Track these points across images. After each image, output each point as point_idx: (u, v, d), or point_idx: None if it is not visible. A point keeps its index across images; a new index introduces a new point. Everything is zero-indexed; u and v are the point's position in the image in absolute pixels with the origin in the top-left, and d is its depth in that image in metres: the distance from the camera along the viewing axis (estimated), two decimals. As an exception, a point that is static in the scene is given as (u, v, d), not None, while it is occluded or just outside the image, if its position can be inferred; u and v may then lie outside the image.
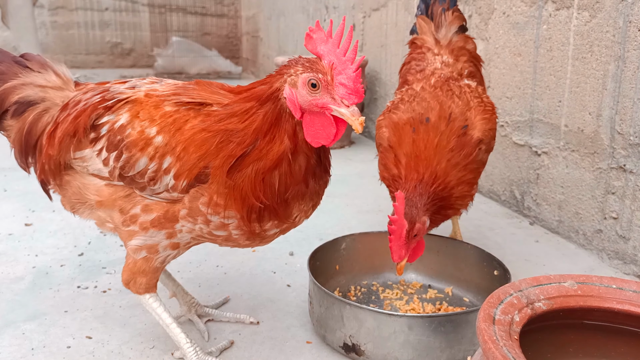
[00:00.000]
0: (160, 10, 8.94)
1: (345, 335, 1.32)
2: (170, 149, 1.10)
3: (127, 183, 1.16)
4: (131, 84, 1.25)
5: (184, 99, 1.14)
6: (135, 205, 1.17)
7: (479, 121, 1.58)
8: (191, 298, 1.52)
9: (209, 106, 1.13)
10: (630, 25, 1.80)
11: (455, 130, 1.55)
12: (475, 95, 1.67)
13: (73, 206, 1.28)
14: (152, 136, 1.12)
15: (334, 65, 1.01)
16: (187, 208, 1.13)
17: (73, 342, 1.42)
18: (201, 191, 1.11)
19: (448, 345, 1.27)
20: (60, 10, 8.70)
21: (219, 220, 1.13)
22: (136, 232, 1.19)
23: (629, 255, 1.87)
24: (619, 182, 1.89)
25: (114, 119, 1.16)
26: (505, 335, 0.93)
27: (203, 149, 1.09)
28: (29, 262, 1.90)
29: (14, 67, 1.29)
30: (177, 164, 1.10)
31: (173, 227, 1.16)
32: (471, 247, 1.66)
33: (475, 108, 1.61)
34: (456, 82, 1.71)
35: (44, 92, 1.27)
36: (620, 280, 1.12)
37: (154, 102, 1.15)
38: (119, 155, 1.14)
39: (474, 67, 1.89)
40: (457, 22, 1.89)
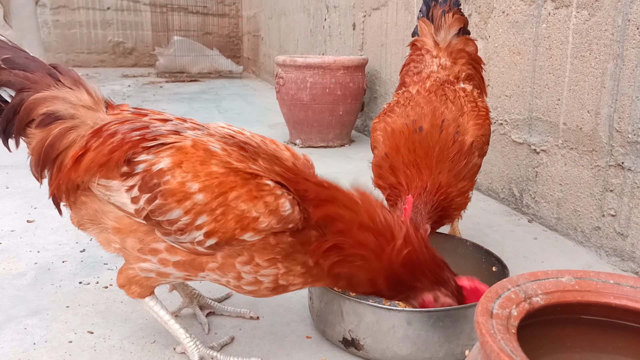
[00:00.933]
0: (161, 10, 8.96)
1: (344, 329, 1.33)
2: (209, 209, 1.10)
3: (150, 224, 1.15)
4: (173, 126, 1.22)
5: (235, 164, 1.13)
6: (157, 242, 1.17)
7: (471, 127, 1.59)
8: (192, 289, 1.53)
9: (259, 178, 1.13)
10: (629, 24, 1.81)
11: (451, 138, 1.56)
12: (470, 99, 1.68)
13: (82, 224, 1.28)
14: (193, 192, 1.10)
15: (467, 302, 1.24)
16: (218, 263, 1.15)
17: (75, 337, 1.43)
18: (239, 251, 1.13)
19: (447, 340, 1.28)
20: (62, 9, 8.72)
21: (252, 278, 1.17)
22: (149, 261, 1.19)
23: (627, 252, 1.88)
24: (617, 179, 1.90)
25: (153, 160, 1.14)
26: (502, 329, 0.94)
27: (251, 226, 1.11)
28: (30, 258, 1.92)
29: (46, 78, 1.26)
30: (212, 224, 1.10)
31: (196, 274, 1.19)
32: (470, 243, 1.67)
33: (468, 113, 1.62)
34: (451, 85, 1.72)
35: (75, 109, 1.25)
36: (617, 276, 1.12)
37: (200, 156, 1.13)
38: (151, 199, 1.12)
39: (473, 69, 1.89)
40: (457, 24, 1.90)
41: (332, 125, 3.76)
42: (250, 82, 7.91)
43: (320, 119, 3.73)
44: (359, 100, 3.82)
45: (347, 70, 3.64)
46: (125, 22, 9.00)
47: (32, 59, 1.30)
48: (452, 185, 1.51)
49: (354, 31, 4.39)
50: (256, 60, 8.58)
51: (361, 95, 3.83)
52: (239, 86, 7.42)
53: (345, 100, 3.70)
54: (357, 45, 4.36)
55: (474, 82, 1.85)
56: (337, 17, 4.78)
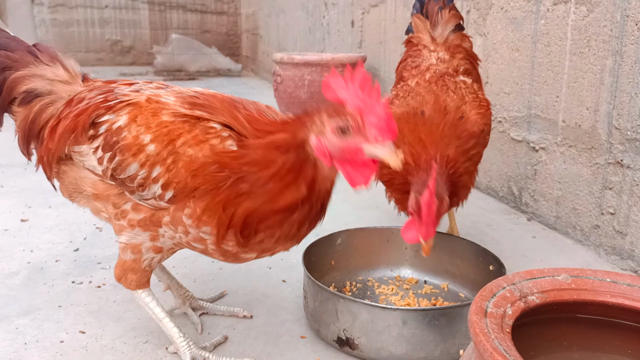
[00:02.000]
0: (160, 8, 8.93)
1: (339, 329, 1.32)
2: (161, 159, 1.10)
3: (118, 184, 1.17)
4: (136, 87, 1.25)
5: (182, 110, 1.13)
6: (127, 202, 1.18)
7: (474, 115, 1.57)
8: (186, 291, 1.52)
9: (205, 121, 1.12)
10: (628, 20, 1.79)
11: (453, 122, 1.54)
12: (471, 91, 1.66)
13: (70, 194, 1.30)
14: (146, 143, 1.11)
15: (361, 108, 1.00)
16: (170, 216, 1.14)
17: (66, 336, 1.41)
18: (186, 203, 1.11)
19: (442, 339, 1.26)
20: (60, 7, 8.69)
21: (197, 234, 1.14)
22: (125, 228, 1.20)
23: (626, 250, 1.86)
24: (617, 177, 1.88)
25: (113, 119, 1.17)
26: (497, 328, 0.92)
27: (201, 172, 1.08)
28: (24, 257, 1.90)
29: (26, 56, 1.31)
30: (165, 175, 1.10)
31: (157, 231, 1.17)
32: (467, 242, 1.65)
33: (470, 103, 1.60)
34: (451, 77, 1.70)
35: (52, 85, 1.30)
36: (614, 274, 1.11)
37: (152, 108, 1.15)
38: (112, 157, 1.15)
39: (470, 64, 1.88)
40: (454, 20, 1.88)
41: (330, 123, 3.74)
42: (248, 81, 7.89)
43: (318, 117, 3.70)
44: (357, 98, 3.80)
45: (344, 68, 3.62)
46: (123, 20, 8.98)
47: (13, 38, 1.35)
48: (459, 161, 1.47)
49: (353, 28, 4.37)
50: (255, 59, 8.56)
51: (359, 93, 3.81)
52: (238, 84, 7.40)
53: (343, 98, 3.67)
54: (355, 43, 4.34)
55: (472, 77, 1.84)
56: (335, 14, 4.76)
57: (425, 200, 1.33)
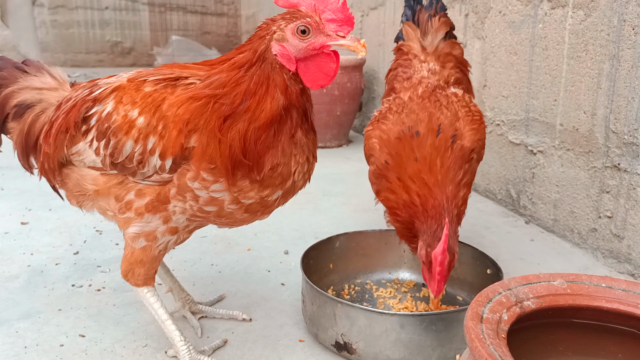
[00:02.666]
0: (160, 9, 8.94)
1: (337, 333, 1.33)
2: (152, 129, 1.11)
3: (119, 170, 1.17)
4: (118, 76, 1.27)
5: (159, 77, 1.16)
6: (129, 191, 1.18)
7: (467, 132, 1.57)
8: (187, 295, 1.53)
9: (184, 79, 1.14)
10: (625, 24, 1.80)
11: (449, 144, 1.53)
12: (463, 104, 1.66)
13: (77, 199, 1.30)
14: (135, 118, 1.13)
15: (316, 6, 1.03)
16: (175, 186, 1.13)
17: (66, 340, 1.42)
18: (187, 167, 1.11)
19: (439, 344, 1.27)
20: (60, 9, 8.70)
21: (207, 195, 1.13)
22: (132, 219, 1.19)
23: (624, 254, 1.87)
24: (614, 181, 1.89)
25: (101, 109, 1.18)
26: (492, 333, 0.93)
27: (185, 120, 1.09)
28: (24, 260, 1.91)
29: (15, 72, 1.33)
30: (160, 143, 1.11)
31: (167, 209, 1.16)
32: (465, 246, 1.66)
33: (463, 118, 1.60)
34: (443, 91, 1.70)
35: (40, 94, 1.31)
36: (609, 279, 1.12)
37: (134, 85, 1.17)
38: (107, 143, 1.16)
39: (461, 72, 1.88)
40: (444, 28, 1.87)
41: (329, 125, 3.75)
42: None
43: (317, 119, 3.67)
44: (356, 101, 3.81)
45: (344, 70, 3.63)
46: (123, 21, 8.99)
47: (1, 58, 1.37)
48: (457, 196, 1.48)
49: (352, 31, 4.38)
50: (255, 60, 8.57)
51: (359, 95, 3.82)
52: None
53: (342, 101, 3.69)
54: (354, 45, 4.35)
55: (463, 86, 1.84)
56: (335, 16, 4.76)
57: (439, 259, 1.35)
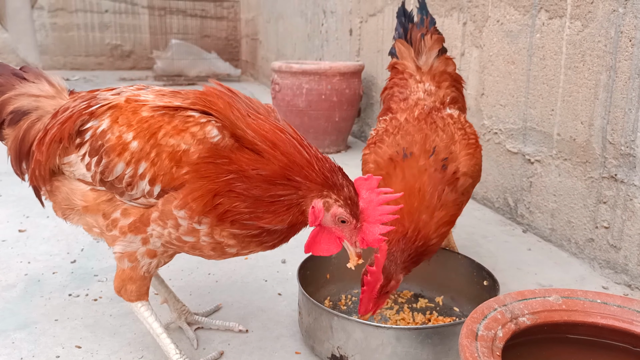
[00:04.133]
0: (160, 13, 8.95)
1: (333, 346, 1.33)
2: (145, 154, 1.12)
3: (107, 188, 1.18)
4: (117, 91, 1.27)
5: (159, 104, 1.16)
6: (116, 210, 1.19)
7: (463, 157, 1.56)
8: (182, 305, 1.53)
9: (183, 110, 1.13)
10: (622, 36, 1.80)
11: (439, 166, 1.52)
12: (459, 126, 1.65)
13: (63, 212, 1.30)
14: (129, 141, 1.13)
15: (367, 218, 1.12)
16: (158, 211, 1.14)
17: (62, 351, 1.42)
18: (175, 195, 1.12)
19: (435, 357, 1.27)
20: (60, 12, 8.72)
21: (189, 225, 1.14)
22: (117, 237, 1.20)
23: (620, 264, 1.87)
24: (610, 191, 1.89)
25: (96, 125, 1.19)
26: (487, 351, 0.93)
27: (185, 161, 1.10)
28: (21, 269, 1.91)
29: (12, 79, 1.33)
30: (151, 169, 1.12)
31: (146, 231, 1.18)
32: (461, 257, 1.66)
33: (459, 142, 1.60)
34: (439, 112, 1.70)
35: (37, 101, 1.31)
36: (604, 295, 1.12)
37: (132, 107, 1.17)
38: (99, 160, 1.17)
39: (456, 90, 1.88)
40: (437, 45, 1.87)
41: (328, 131, 3.76)
42: (248, 86, 7.91)
43: (316, 125, 3.72)
44: (355, 107, 3.82)
45: (343, 77, 3.64)
46: (123, 25, 9.00)
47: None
48: (430, 227, 1.45)
49: (351, 37, 4.39)
50: (254, 64, 8.58)
51: (357, 102, 3.83)
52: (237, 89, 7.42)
53: (341, 107, 3.69)
54: (353, 51, 4.36)
55: (459, 105, 1.84)
56: (334, 22, 4.78)
57: (367, 278, 1.36)
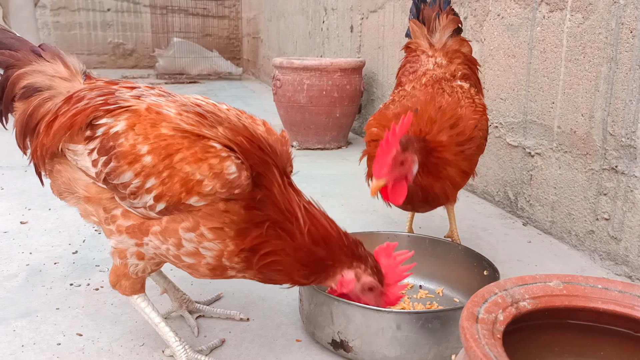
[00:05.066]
0: (161, 12, 8.97)
1: (333, 331, 1.33)
2: (157, 172, 1.11)
3: (110, 188, 1.18)
4: (137, 92, 1.26)
5: (183, 126, 1.14)
6: (118, 208, 1.20)
7: (470, 118, 1.58)
8: (182, 294, 1.53)
9: (206, 140, 1.12)
10: (623, 27, 1.80)
11: (447, 120, 1.54)
12: (467, 95, 1.67)
13: (61, 193, 1.31)
14: (143, 154, 1.12)
15: (389, 281, 1.23)
16: (161, 227, 1.15)
17: (63, 339, 1.42)
18: (183, 217, 1.13)
19: (435, 342, 1.27)
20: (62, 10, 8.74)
21: (194, 248, 1.15)
22: (113, 233, 1.21)
23: (621, 256, 1.87)
24: (611, 183, 1.89)
25: (111, 123, 1.17)
26: (488, 334, 0.93)
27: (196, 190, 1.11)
28: (22, 259, 1.91)
29: (29, 55, 1.34)
30: (160, 187, 1.11)
31: (142, 239, 1.19)
32: (462, 247, 1.67)
33: (466, 107, 1.61)
34: (448, 82, 1.71)
35: (52, 80, 1.31)
36: (606, 280, 1.12)
37: (152, 119, 1.15)
38: (107, 162, 1.16)
39: (469, 69, 1.89)
40: (452, 25, 1.89)
41: (329, 127, 3.76)
42: (249, 84, 7.92)
43: (317, 121, 3.72)
44: (356, 103, 3.82)
45: (344, 73, 3.64)
46: (125, 23, 9.02)
47: (18, 38, 1.37)
48: (449, 148, 1.47)
49: (352, 33, 4.39)
50: (255, 62, 8.59)
51: (358, 98, 3.83)
52: (238, 88, 7.43)
53: (342, 103, 3.70)
54: (354, 48, 4.36)
55: (471, 82, 1.84)
56: (335, 19, 4.79)
57: (382, 142, 1.37)
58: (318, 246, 1.16)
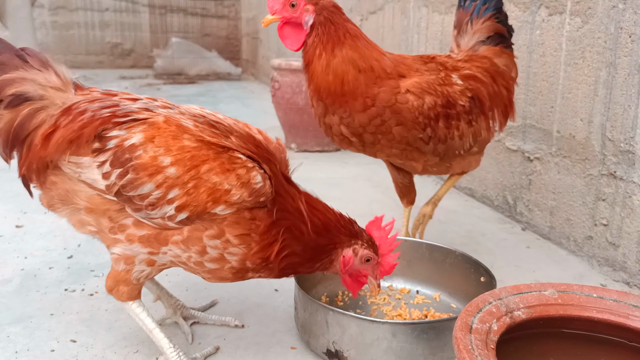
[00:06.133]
0: (160, 11, 8.95)
1: (328, 341, 1.32)
2: (181, 183, 1.13)
3: (121, 200, 1.17)
4: (144, 104, 1.25)
5: (208, 138, 1.17)
6: (127, 218, 1.18)
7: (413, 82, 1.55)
8: (176, 300, 1.52)
9: (231, 151, 1.17)
10: (622, 32, 1.79)
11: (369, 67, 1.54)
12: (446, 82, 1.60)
13: (52, 205, 1.28)
14: (165, 165, 1.13)
15: (382, 251, 1.32)
16: (183, 236, 1.17)
17: (57, 345, 1.42)
18: (206, 225, 1.15)
19: (431, 352, 1.26)
20: (60, 10, 8.72)
21: (218, 254, 1.18)
22: (120, 241, 1.20)
23: (619, 262, 1.86)
24: (609, 188, 1.88)
25: (125, 135, 1.16)
26: (481, 344, 0.93)
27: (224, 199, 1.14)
28: (17, 264, 1.90)
29: (14, 59, 1.28)
30: (183, 198, 1.13)
31: (159, 249, 1.19)
32: (459, 253, 1.66)
33: (421, 73, 1.58)
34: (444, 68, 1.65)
35: (44, 90, 1.26)
36: (601, 289, 1.11)
37: (172, 131, 1.17)
38: (123, 174, 1.14)
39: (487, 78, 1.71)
40: (486, 31, 1.78)
41: (327, 129, 3.75)
42: (248, 85, 7.91)
43: (315, 123, 3.69)
44: (354, 105, 3.80)
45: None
46: (123, 23, 9.00)
47: (0, 41, 1.32)
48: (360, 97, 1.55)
49: (351, 35, 4.38)
50: (255, 63, 8.58)
51: (357, 100, 3.81)
52: (237, 88, 7.42)
53: (340, 105, 3.68)
54: (353, 49, 4.35)
55: (473, 88, 1.68)
56: (334, 20, 4.77)
57: None
58: (321, 236, 1.24)
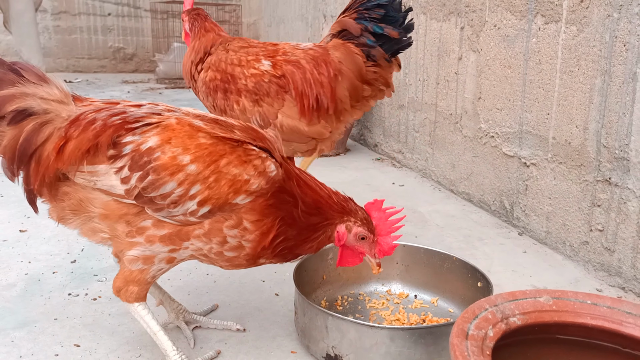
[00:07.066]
0: (162, 16, 8.99)
1: (328, 345, 1.34)
2: (203, 178, 1.19)
3: (141, 202, 1.20)
4: (149, 109, 1.28)
5: (221, 134, 1.24)
6: (147, 219, 1.22)
7: (208, 59, 2.06)
8: (178, 305, 1.55)
9: (245, 144, 1.24)
10: (616, 40, 1.82)
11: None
12: (240, 58, 1.97)
13: (62, 217, 1.29)
14: (185, 164, 1.18)
15: (381, 232, 1.36)
16: (204, 230, 1.22)
17: (61, 350, 1.44)
18: (226, 216, 1.22)
19: (428, 357, 1.29)
20: (63, 14, 8.77)
21: (237, 242, 1.24)
22: (138, 244, 1.22)
23: (614, 267, 1.89)
24: (605, 194, 1.91)
25: (139, 140, 1.20)
26: (477, 350, 0.95)
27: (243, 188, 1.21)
28: (21, 268, 1.93)
29: (9, 74, 1.27)
30: (205, 192, 1.19)
31: (181, 244, 1.24)
32: (456, 259, 1.68)
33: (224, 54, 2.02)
34: (264, 50, 1.98)
35: (47, 104, 1.26)
36: (595, 296, 1.14)
37: (187, 131, 1.22)
38: (143, 176, 1.18)
39: (306, 67, 1.87)
40: (336, 27, 1.94)
41: (327, 134, 3.77)
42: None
43: (315, 128, 3.73)
44: (354, 110, 3.83)
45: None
46: (126, 28, 9.05)
47: None
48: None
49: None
50: (256, 67, 8.60)
51: (357, 105, 3.84)
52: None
53: (340, 110, 3.70)
54: (353, 55, 4.38)
55: (285, 72, 1.88)
56: (334, 26, 4.81)
57: None
58: (312, 215, 1.29)
